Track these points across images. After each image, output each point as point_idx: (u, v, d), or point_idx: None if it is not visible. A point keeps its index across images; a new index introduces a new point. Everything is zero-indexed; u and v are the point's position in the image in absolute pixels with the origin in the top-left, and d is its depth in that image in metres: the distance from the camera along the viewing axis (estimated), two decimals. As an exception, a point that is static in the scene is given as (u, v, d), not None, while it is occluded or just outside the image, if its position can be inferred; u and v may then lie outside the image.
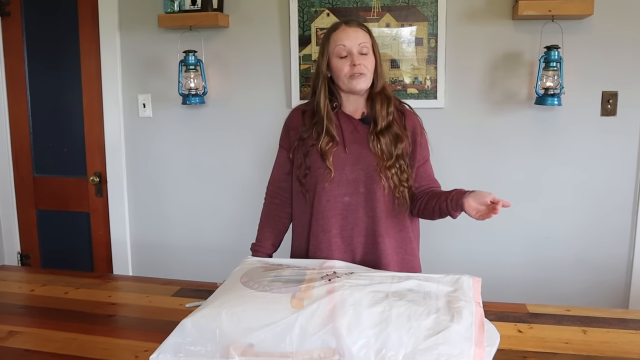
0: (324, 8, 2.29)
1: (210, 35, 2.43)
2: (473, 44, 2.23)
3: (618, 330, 1.34)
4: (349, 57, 1.48)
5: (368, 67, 1.49)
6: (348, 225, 1.50)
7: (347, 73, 1.48)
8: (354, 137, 1.52)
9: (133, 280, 2.01)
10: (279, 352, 1.04)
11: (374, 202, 1.49)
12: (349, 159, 1.49)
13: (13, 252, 2.85)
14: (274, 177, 1.66)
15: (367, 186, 1.49)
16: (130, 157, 2.62)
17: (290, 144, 1.59)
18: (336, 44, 1.49)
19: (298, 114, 1.60)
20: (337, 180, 1.48)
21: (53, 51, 2.66)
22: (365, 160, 1.49)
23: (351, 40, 1.48)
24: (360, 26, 1.52)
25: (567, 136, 2.21)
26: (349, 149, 1.50)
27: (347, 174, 1.49)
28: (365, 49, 1.49)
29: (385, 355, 1.00)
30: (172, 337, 1.09)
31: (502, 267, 2.32)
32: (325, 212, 1.49)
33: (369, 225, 1.50)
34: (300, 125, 1.57)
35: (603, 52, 2.14)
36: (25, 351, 1.27)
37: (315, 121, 1.53)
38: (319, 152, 1.49)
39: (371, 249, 1.51)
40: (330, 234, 1.50)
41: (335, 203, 1.49)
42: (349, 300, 1.09)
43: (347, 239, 1.51)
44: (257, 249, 1.64)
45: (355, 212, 1.50)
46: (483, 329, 1.07)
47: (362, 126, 1.53)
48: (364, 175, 1.49)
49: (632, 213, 2.21)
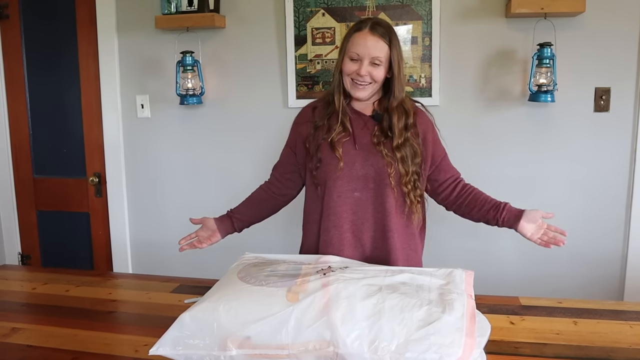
0: (319, 8, 2.32)
1: (207, 36, 2.46)
2: (467, 42, 2.26)
3: (609, 321, 1.36)
4: (359, 63, 1.47)
5: (375, 77, 1.47)
6: (358, 220, 1.52)
7: (350, 75, 1.49)
8: (364, 134, 1.53)
9: (133, 277, 2.04)
10: (275, 344, 1.07)
11: (383, 197, 1.50)
12: (358, 155, 1.51)
13: (14, 252, 2.88)
14: (276, 167, 1.69)
15: (376, 182, 1.50)
16: (129, 158, 2.64)
17: (295, 141, 1.61)
18: (352, 48, 1.47)
19: (309, 111, 1.61)
20: (347, 175, 1.50)
21: (52, 53, 2.68)
22: (376, 157, 1.50)
23: (367, 50, 1.45)
24: (383, 37, 1.46)
25: (560, 132, 2.24)
26: (358, 145, 1.51)
27: (357, 169, 1.50)
28: (379, 60, 1.46)
29: (378, 346, 1.02)
30: (171, 331, 1.11)
31: (497, 263, 2.34)
32: (336, 208, 1.51)
33: (378, 220, 1.52)
34: (311, 120, 1.58)
35: (595, 49, 2.17)
36: (28, 347, 1.29)
37: (329, 112, 1.54)
38: (329, 145, 1.51)
39: (380, 244, 1.53)
40: (342, 229, 1.51)
41: (346, 198, 1.51)
42: (343, 293, 1.12)
43: (358, 234, 1.52)
44: (230, 216, 1.69)
45: (365, 207, 1.52)
46: (474, 320, 1.09)
47: (372, 123, 1.54)
48: (374, 171, 1.50)
49: (626, 208, 2.24)
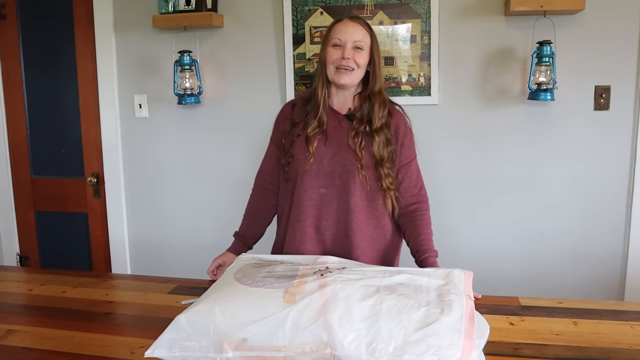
0: (317, 7, 2.31)
1: (205, 35, 2.44)
2: (466, 41, 2.24)
3: (609, 321, 1.35)
4: (342, 48, 1.51)
5: (359, 62, 1.52)
6: (322, 216, 1.55)
7: (334, 62, 1.51)
8: (336, 132, 1.56)
9: (130, 278, 2.03)
10: (272, 346, 1.06)
11: (348, 195, 1.53)
12: (328, 152, 1.54)
13: (12, 253, 2.87)
14: (261, 170, 1.72)
15: (343, 180, 1.53)
16: (127, 158, 2.63)
17: (278, 137, 1.64)
18: (334, 35, 1.53)
19: (288, 108, 1.66)
20: (316, 171, 1.53)
21: (49, 53, 2.67)
22: (344, 155, 1.53)
23: (349, 34, 1.51)
24: (363, 24, 1.55)
25: (560, 131, 2.23)
26: (329, 143, 1.54)
27: (325, 166, 1.53)
28: (361, 44, 1.51)
29: (375, 348, 1.01)
30: (166, 333, 1.10)
31: (497, 262, 2.33)
32: (301, 202, 1.54)
33: (340, 217, 1.55)
34: (290, 117, 1.62)
35: (595, 47, 2.15)
36: (23, 349, 1.28)
37: (307, 110, 1.58)
38: (303, 142, 1.54)
39: (342, 241, 1.55)
40: (305, 223, 1.54)
41: (312, 194, 1.54)
42: (340, 294, 1.11)
43: (320, 229, 1.55)
44: (237, 237, 1.72)
45: (329, 204, 1.54)
46: (473, 321, 1.08)
47: (346, 122, 1.57)
48: (340, 168, 1.53)
49: (626, 207, 2.23)
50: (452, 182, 2.34)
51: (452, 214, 2.35)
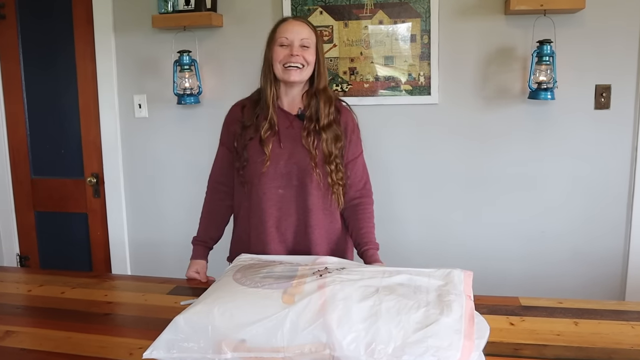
0: (317, 6, 2.30)
1: (204, 35, 2.44)
2: (466, 40, 2.24)
3: (610, 321, 1.34)
4: (289, 47, 1.53)
5: (307, 59, 1.54)
6: (282, 216, 1.58)
7: (283, 61, 1.53)
8: (289, 133, 1.57)
9: (129, 279, 2.03)
10: (271, 347, 1.05)
11: (306, 194, 1.56)
12: (283, 154, 1.55)
13: (12, 254, 2.87)
14: (213, 172, 1.73)
15: (300, 180, 1.56)
16: (127, 158, 2.63)
17: (229, 139, 1.65)
18: (280, 34, 1.55)
19: (238, 109, 1.66)
20: (272, 173, 1.55)
21: (49, 53, 2.67)
22: (299, 155, 1.55)
23: (296, 33, 1.54)
24: (307, 23, 1.59)
25: (561, 130, 2.22)
26: (283, 144, 1.56)
27: (281, 167, 1.55)
28: (308, 42, 1.54)
29: (374, 349, 1.00)
30: (165, 334, 1.09)
31: (498, 262, 2.33)
32: (260, 204, 1.57)
33: (300, 216, 1.58)
34: (240, 119, 1.62)
35: (595, 46, 2.15)
36: (22, 350, 1.27)
37: (257, 112, 1.58)
38: (257, 144, 1.55)
39: (302, 238, 1.59)
40: (267, 225, 1.57)
41: (271, 195, 1.56)
42: (339, 295, 1.10)
43: (281, 229, 1.58)
44: (197, 243, 1.73)
45: (289, 204, 1.57)
46: (473, 322, 1.07)
47: (298, 122, 1.58)
48: (297, 169, 1.55)
49: (627, 206, 2.22)
50: (452, 182, 2.33)
51: (452, 213, 2.35)
